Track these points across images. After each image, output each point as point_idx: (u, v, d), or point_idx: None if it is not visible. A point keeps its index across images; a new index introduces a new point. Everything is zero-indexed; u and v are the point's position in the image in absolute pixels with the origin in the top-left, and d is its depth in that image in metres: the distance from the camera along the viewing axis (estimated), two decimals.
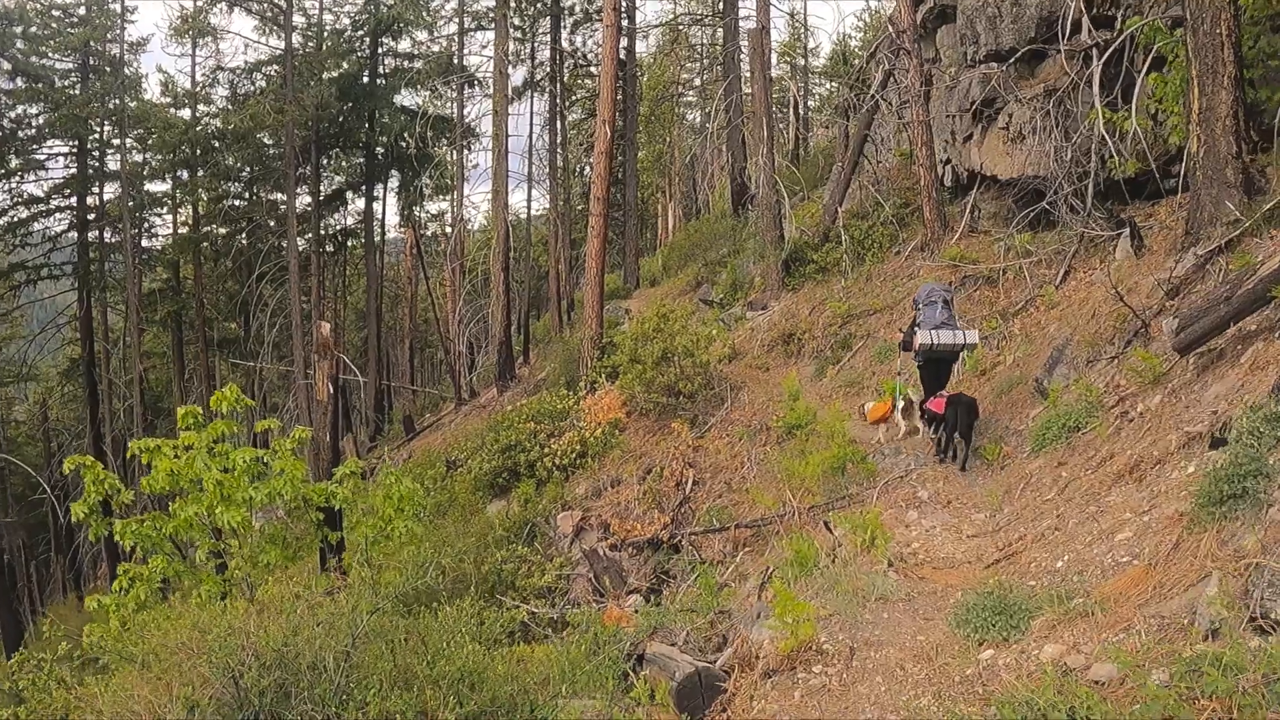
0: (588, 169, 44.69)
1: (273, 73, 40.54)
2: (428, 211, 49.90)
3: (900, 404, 16.00)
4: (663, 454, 19.22)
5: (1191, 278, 14.26)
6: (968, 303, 19.70)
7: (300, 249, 41.43)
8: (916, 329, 14.26)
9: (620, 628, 11.56)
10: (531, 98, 39.76)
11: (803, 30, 43.35)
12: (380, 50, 42.30)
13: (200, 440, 12.92)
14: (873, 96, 24.53)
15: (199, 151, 42.16)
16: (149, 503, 25.66)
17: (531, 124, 39.33)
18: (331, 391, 16.56)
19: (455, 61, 39.27)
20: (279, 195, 42.92)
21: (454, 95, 39.04)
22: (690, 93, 44.76)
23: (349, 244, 48.15)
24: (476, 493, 21.46)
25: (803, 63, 43.90)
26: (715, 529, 16.08)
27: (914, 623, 8.44)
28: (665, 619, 10.94)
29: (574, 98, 46.20)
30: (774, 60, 46.78)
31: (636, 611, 12.56)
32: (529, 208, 40.98)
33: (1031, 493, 11.77)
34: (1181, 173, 17.64)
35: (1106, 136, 17.51)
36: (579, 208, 46.58)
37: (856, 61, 32.02)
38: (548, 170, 37.99)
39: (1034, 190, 20.05)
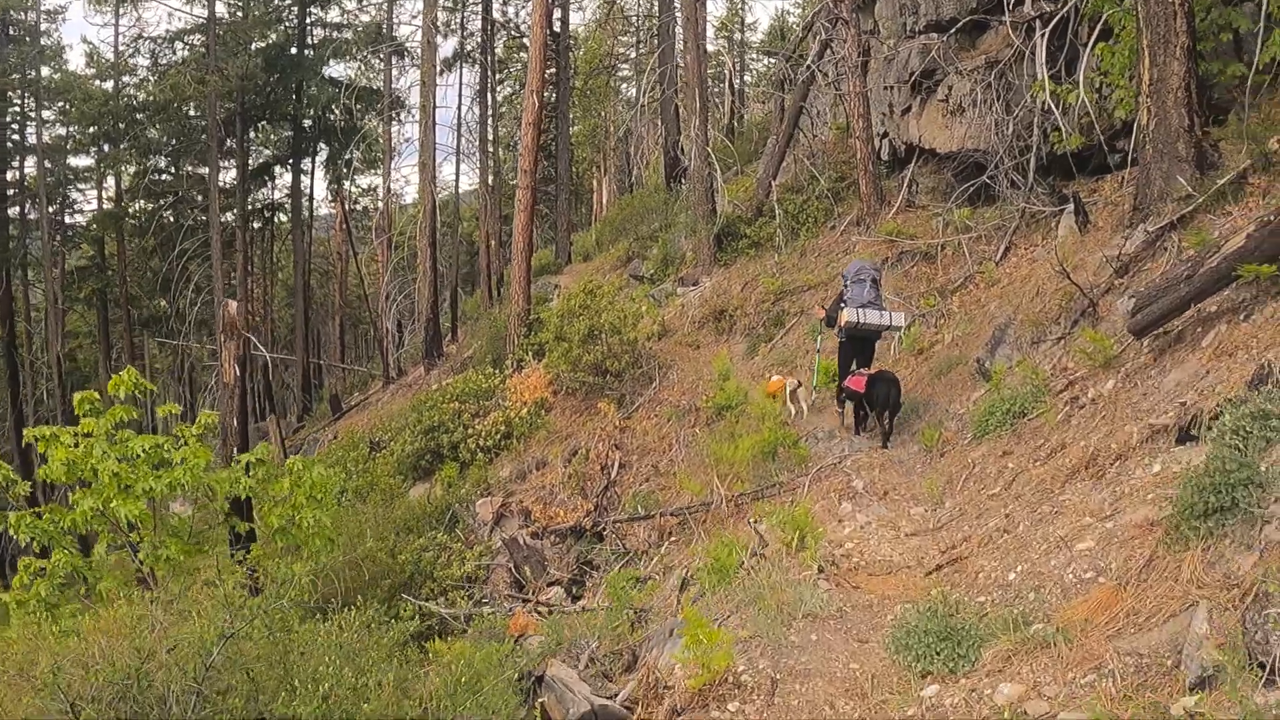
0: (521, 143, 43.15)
1: (196, 42, 38.40)
2: (359, 186, 47.93)
3: (789, 387, 15.84)
4: (589, 435, 18.08)
5: (1142, 255, 13.22)
6: (904, 279, 18.60)
7: (228, 224, 39.53)
8: (843, 305, 13.52)
9: (526, 636, 10.33)
10: (460, 69, 37.99)
11: (740, 4, 42.13)
12: (309, 20, 40.21)
13: (99, 427, 11.50)
14: (808, 67, 23.28)
15: (121, 124, 39.96)
16: (68, 493, 23.86)
17: (460, 95, 37.80)
18: (238, 374, 15.17)
19: (385, 31, 37.51)
20: (205, 169, 40.85)
21: (384, 66, 37.21)
22: (626, 66, 43.27)
23: (276, 219, 45.99)
24: (399, 475, 20.13)
25: (739, 37, 42.64)
26: (640, 516, 14.99)
27: (846, 645, 7.19)
28: (572, 631, 9.67)
29: (508, 71, 44.55)
30: (711, 35, 45.48)
31: (549, 614, 11.32)
32: (457, 181, 39.31)
33: (975, 485, 10.63)
34: (1128, 148, 16.72)
35: (1053, 107, 16.46)
36: (512, 182, 44.96)
37: (793, 36, 30.69)
38: (479, 144, 36.38)
39: (974, 164, 18.94)
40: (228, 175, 41.91)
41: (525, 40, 40.95)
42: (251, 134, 43.10)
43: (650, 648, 8.34)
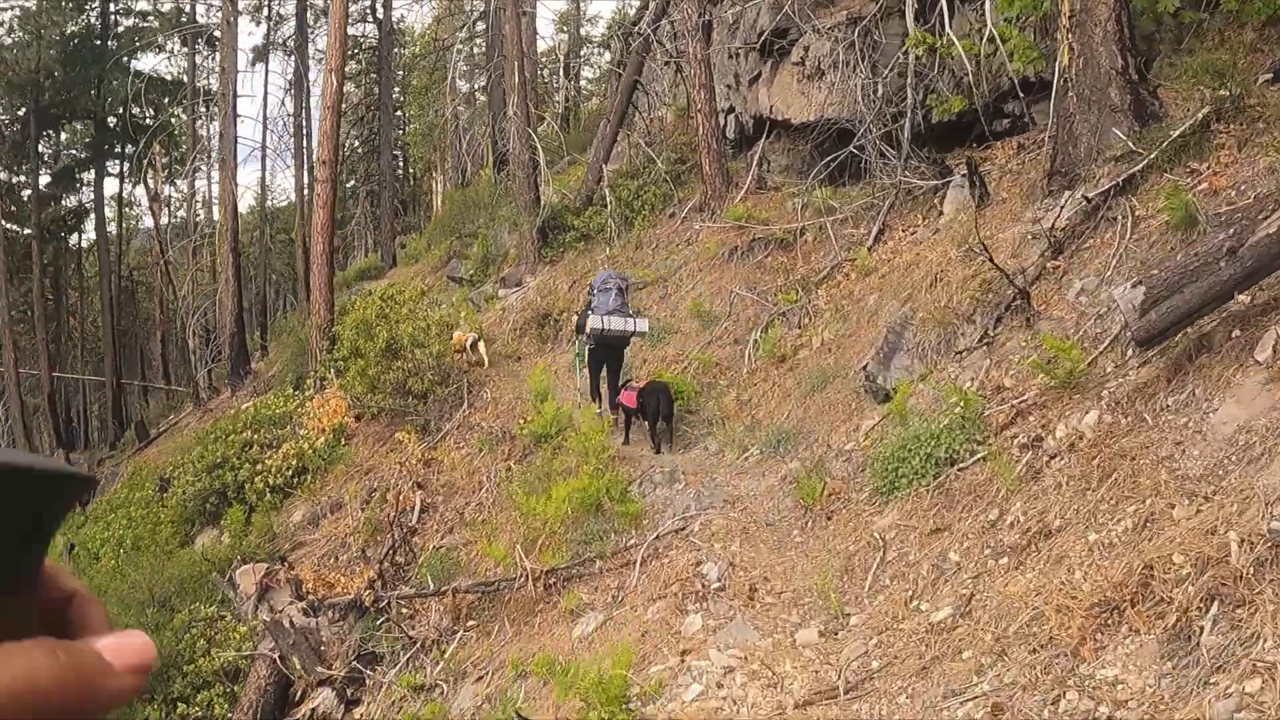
0: (354, 142, 37.51)
1: None
2: (180, 189, 41.06)
3: (470, 339, 15.31)
4: (391, 469, 13.41)
5: (1080, 229, 9.02)
6: (757, 271, 14.27)
7: (21, 235, 32.98)
8: (590, 313, 12.42)
9: None
10: (268, 58, 32.21)
11: None
12: (113, 7, 33.79)
13: None
14: (641, 34, 18.64)
15: None
16: None
17: (266, 86, 31.87)
18: None
19: (189, 15, 31.55)
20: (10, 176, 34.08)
21: (188, 53, 31.16)
22: (462, 61, 38.04)
23: (83, 227, 38.91)
24: (183, 522, 15.20)
25: (580, 31, 37.87)
26: (428, 592, 10.39)
27: None
28: None
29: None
30: (552, 31, 40.71)
31: None
32: (264, 177, 33.63)
33: (896, 584, 6.13)
34: (1019, 110, 13.22)
35: (966, 59, 12.41)
36: (350, 184, 39.51)
37: (628, 21, 26.05)
38: (293, 139, 30.83)
39: (836, 135, 14.65)
40: (40, 179, 35.25)
41: (359, 37, 35.63)
42: (63, 135, 36.60)
43: None
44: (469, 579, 10.27)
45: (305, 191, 29.91)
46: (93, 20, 33.48)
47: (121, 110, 32.45)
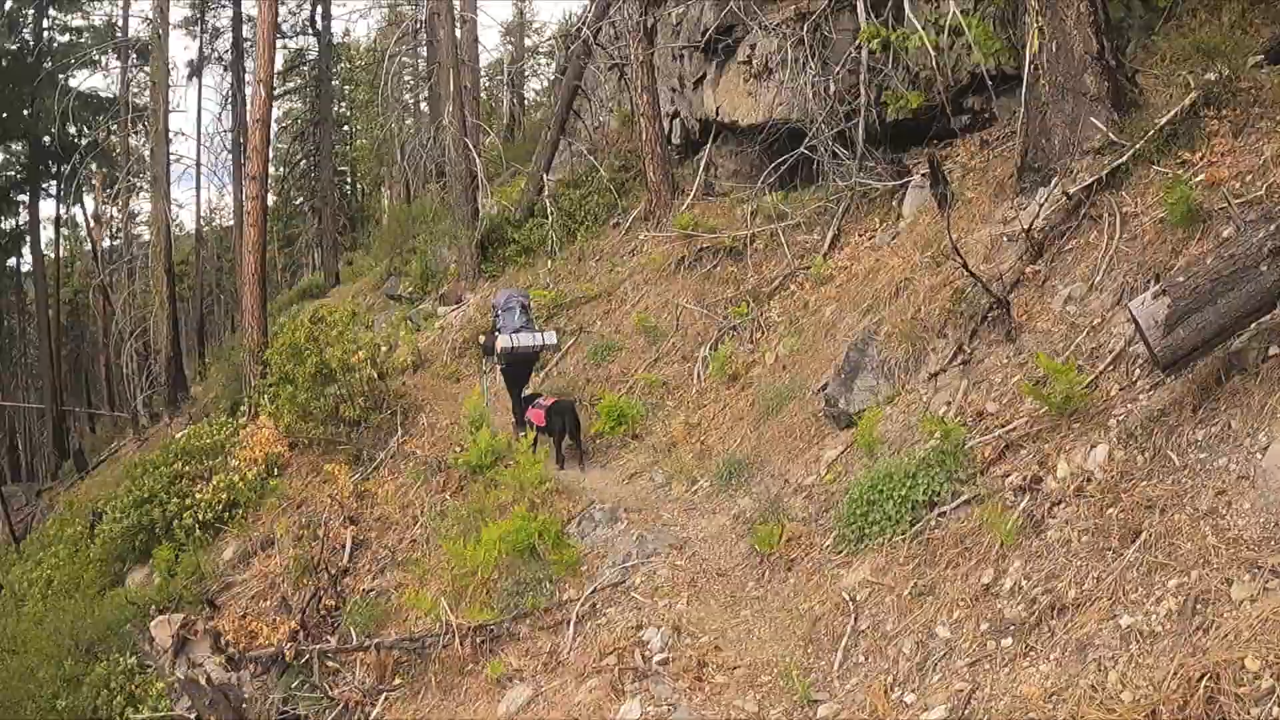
0: (297, 158, 35.99)
1: None
2: (121, 209, 39.06)
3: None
4: (323, 502, 12.15)
5: (1062, 229, 7.91)
6: (706, 282, 13.07)
7: None
8: (497, 334, 11.99)
9: None
10: (201, 71, 30.58)
11: (526, 5, 36.27)
12: (46, 24, 32.00)
13: None
14: (580, 36, 17.40)
15: None
16: None
17: (200, 101, 30.44)
18: None
19: (121, 30, 29.82)
20: None
21: (120, 67, 29.40)
22: (406, 73, 36.57)
23: (22, 250, 36.72)
24: (113, 560, 13.74)
25: (525, 41, 36.64)
26: (351, 647, 9.09)
27: None
28: None
29: (287, 86, 37.35)
30: (497, 41, 39.38)
31: None
32: (198, 195, 31.92)
33: (871, 660, 4.96)
34: (980, 105, 12.05)
35: (929, 48, 11.31)
36: (299, 201, 37.91)
37: (573, 27, 24.81)
38: (231, 155, 29.07)
39: (786, 137, 13.52)
40: None
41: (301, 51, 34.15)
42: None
43: None
44: (396, 631, 9.04)
45: (242, 209, 28.34)
46: (26, 37, 31.63)
47: (55, 129, 30.69)
